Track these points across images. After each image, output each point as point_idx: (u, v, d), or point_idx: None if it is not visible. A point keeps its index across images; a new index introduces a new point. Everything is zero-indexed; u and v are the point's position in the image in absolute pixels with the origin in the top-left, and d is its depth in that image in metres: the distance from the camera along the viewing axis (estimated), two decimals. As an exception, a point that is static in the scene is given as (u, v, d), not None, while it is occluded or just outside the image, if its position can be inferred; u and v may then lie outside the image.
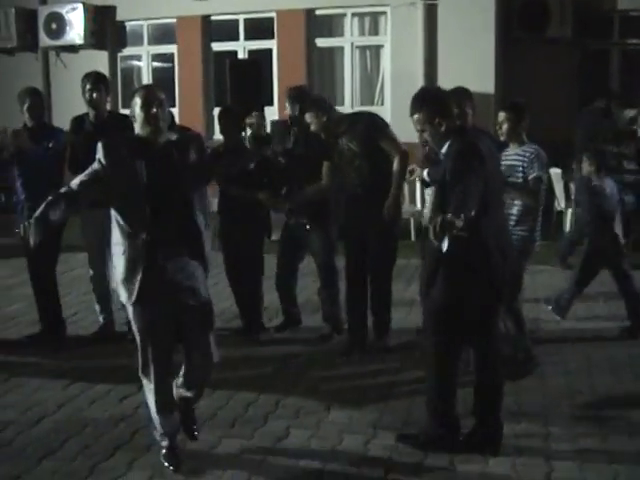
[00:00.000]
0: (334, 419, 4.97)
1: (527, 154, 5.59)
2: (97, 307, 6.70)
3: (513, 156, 5.60)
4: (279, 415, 5.06)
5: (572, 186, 9.77)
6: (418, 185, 9.92)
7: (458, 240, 3.97)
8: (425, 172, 5.77)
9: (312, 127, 6.16)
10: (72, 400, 5.31)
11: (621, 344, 6.34)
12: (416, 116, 4.44)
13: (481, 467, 4.30)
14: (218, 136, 12.87)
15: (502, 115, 5.69)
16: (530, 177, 5.52)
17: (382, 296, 6.29)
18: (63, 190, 4.19)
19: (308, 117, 6.16)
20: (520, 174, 5.53)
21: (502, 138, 5.71)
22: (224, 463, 4.41)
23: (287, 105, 7.13)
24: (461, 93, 5.87)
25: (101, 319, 6.69)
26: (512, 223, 5.48)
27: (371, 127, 6.07)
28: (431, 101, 4.46)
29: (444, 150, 4.42)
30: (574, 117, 11.31)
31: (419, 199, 10.34)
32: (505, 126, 5.66)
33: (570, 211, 10.08)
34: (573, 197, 9.71)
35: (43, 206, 4.04)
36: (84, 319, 7.15)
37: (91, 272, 6.67)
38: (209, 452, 4.54)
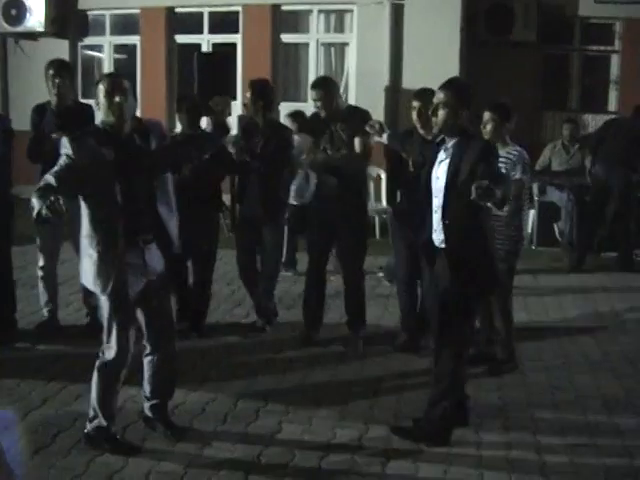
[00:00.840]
0: (326, 414, 4.99)
1: (510, 156, 5.66)
2: (43, 299, 6.55)
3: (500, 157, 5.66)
4: (269, 410, 5.05)
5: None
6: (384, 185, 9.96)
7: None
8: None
9: (318, 105, 6.16)
10: (57, 394, 5.25)
11: (594, 340, 6.50)
12: (442, 95, 4.48)
13: (476, 460, 4.38)
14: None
15: (487, 115, 5.74)
16: (513, 179, 5.60)
17: (357, 291, 6.33)
18: (43, 185, 4.06)
19: (316, 94, 6.14)
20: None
21: (486, 138, 5.76)
22: (219, 459, 4.39)
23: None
24: (427, 94, 5.98)
25: (45, 312, 6.55)
26: (500, 225, 5.53)
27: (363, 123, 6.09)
28: (464, 90, 4.58)
29: (450, 144, 4.50)
30: (537, 120, 11.52)
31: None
32: (489, 126, 5.71)
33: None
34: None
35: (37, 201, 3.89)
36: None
37: (41, 263, 6.50)
38: (202, 448, 4.51)
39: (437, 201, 4.54)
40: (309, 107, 9.02)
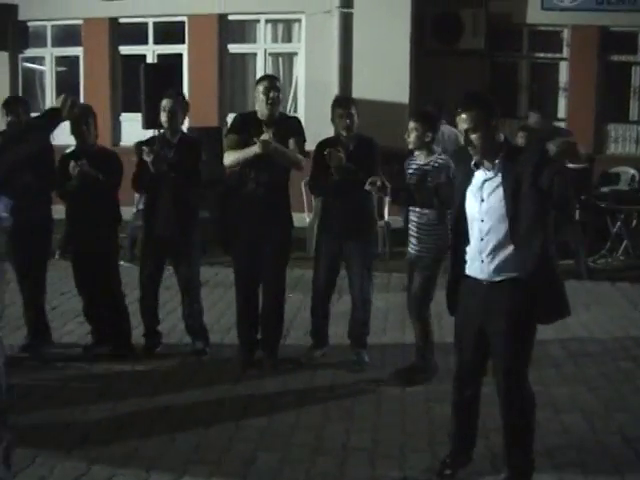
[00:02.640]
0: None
1: (436, 164, 5.56)
2: None
3: (422, 165, 5.57)
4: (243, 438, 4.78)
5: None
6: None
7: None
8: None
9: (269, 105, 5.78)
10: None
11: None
12: (465, 115, 3.86)
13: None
14: (125, 142, 12.55)
15: (411, 124, 5.62)
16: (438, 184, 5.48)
17: (277, 307, 6.03)
18: None
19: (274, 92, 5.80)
20: (429, 184, 5.41)
21: (410, 147, 5.64)
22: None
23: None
24: (348, 100, 6.04)
25: None
26: (424, 233, 5.53)
27: (300, 130, 5.91)
28: (487, 101, 4.00)
29: (496, 161, 3.89)
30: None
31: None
32: (413, 135, 5.57)
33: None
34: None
35: None
36: None
37: None
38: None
39: (484, 226, 3.92)
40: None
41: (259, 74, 12.79)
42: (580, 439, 4.74)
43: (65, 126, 4.52)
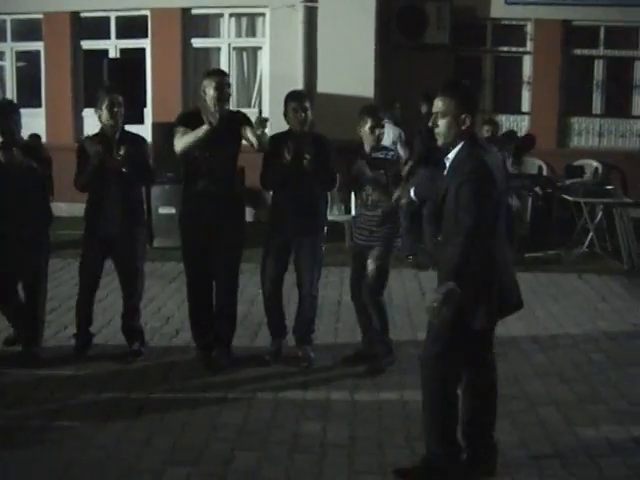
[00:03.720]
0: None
1: (389, 155, 5.77)
2: None
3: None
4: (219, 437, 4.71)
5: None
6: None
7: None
8: (412, 191, 5.12)
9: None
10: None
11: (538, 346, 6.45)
12: (441, 103, 4.05)
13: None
14: (88, 138, 12.36)
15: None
16: None
17: (231, 307, 5.97)
18: None
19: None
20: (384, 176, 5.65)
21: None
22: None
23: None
24: (302, 95, 5.99)
25: None
26: (373, 224, 5.72)
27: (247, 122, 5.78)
28: (465, 94, 4.12)
29: (451, 155, 4.08)
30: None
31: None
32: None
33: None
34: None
35: None
36: None
37: None
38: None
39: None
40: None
41: (224, 68, 12.63)
42: (555, 431, 4.78)
43: None
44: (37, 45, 13.15)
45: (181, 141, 5.66)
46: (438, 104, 4.07)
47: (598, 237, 9.74)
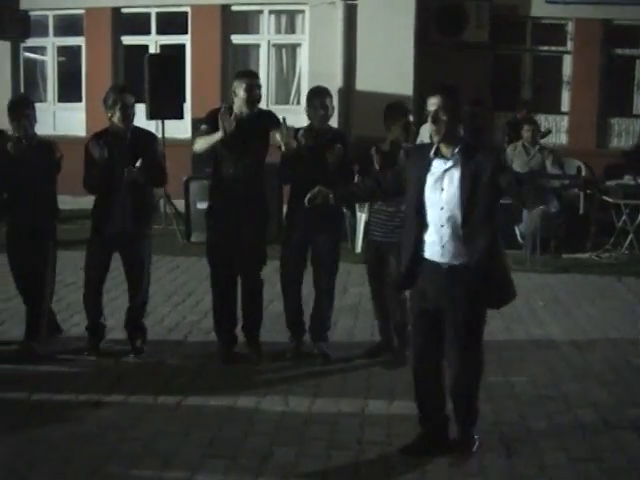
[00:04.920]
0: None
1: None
2: None
3: None
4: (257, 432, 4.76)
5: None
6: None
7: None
8: None
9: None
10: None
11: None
12: (435, 100, 4.14)
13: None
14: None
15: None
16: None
17: (256, 306, 6.03)
18: None
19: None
20: None
21: None
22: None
23: None
24: (324, 91, 5.91)
25: None
26: (384, 218, 5.77)
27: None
28: (457, 93, 4.22)
29: (455, 151, 4.15)
30: (489, 121, 11.46)
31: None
32: None
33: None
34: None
35: None
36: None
37: None
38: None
39: (444, 214, 4.18)
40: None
41: (262, 66, 12.79)
42: (594, 434, 4.75)
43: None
44: (78, 40, 13.33)
45: (197, 143, 5.75)
46: (436, 101, 4.14)
47: (638, 239, 9.64)
